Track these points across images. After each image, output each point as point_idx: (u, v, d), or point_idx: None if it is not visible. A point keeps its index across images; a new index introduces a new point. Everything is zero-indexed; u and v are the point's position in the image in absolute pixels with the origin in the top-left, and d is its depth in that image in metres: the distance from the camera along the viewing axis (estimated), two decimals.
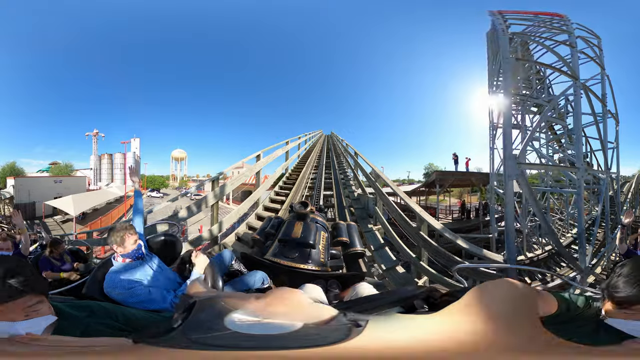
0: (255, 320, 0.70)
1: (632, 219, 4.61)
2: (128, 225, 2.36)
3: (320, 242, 3.13)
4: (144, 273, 2.33)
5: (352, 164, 17.98)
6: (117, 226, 2.34)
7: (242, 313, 0.72)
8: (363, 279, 2.77)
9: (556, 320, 1.06)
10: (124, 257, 2.31)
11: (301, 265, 2.87)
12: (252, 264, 2.99)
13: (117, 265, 2.31)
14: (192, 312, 0.82)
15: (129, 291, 2.19)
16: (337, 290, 2.61)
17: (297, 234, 3.11)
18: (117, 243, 2.27)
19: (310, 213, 3.40)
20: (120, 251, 2.30)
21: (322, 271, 2.90)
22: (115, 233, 2.28)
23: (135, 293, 2.19)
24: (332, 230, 3.62)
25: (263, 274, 2.71)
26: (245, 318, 0.71)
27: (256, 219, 9.76)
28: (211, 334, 0.69)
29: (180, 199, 11.90)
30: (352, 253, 3.51)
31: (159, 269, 2.44)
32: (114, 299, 2.16)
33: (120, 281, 2.22)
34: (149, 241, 2.77)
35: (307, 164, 19.23)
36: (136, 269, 2.32)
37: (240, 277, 2.74)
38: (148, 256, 2.47)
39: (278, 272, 2.82)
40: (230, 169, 14.30)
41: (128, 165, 41.37)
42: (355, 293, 2.28)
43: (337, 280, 2.71)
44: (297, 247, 3.00)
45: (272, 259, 2.95)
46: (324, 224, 3.45)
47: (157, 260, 2.50)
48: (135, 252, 2.33)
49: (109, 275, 2.26)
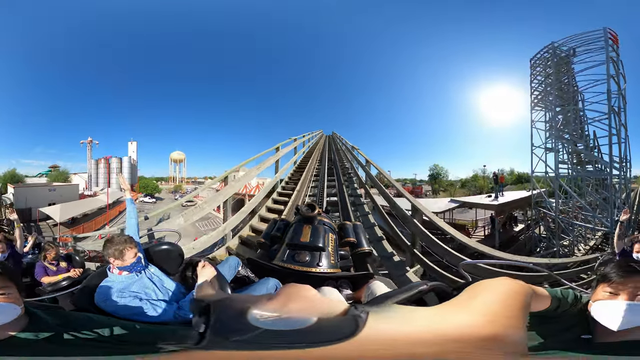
0: (276, 316, 0.72)
1: (628, 216, 4.84)
2: (127, 238, 2.25)
3: (330, 245, 3.15)
4: (142, 285, 2.19)
5: (364, 178, 16.72)
6: (116, 239, 2.23)
7: (263, 310, 0.72)
8: (372, 277, 2.80)
9: (544, 315, 1.18)
10: (120, 270, 2.17)
11: (313, 269, 2.87)
12: (261, 270, 2.94)
13: (113, 277, 2.17)
14: (210, 314, 0.80)
15: (123, 304, 2.04)
16: (349, 291, 2.67)
17: (307, 237, 3.11)
18: (115, 256, 2.15)
19: (318, 215, 3.39)
20: (117, 264, 2.16)
21: (334, 273, 2.93)
22: (114, 246, 2.17)
23: (131, 306, 2.05)
24: (339, 231, 3.62)
25: (276, 281, 2.64)
26: (267, 315, 0.72)
27: (259, 221, 9.64)
28: (244, 334, 0.69)
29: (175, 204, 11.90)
30: (359, 253, 3.56)
31: (159, 280, 2.30)
32: (105, 311, 2.01)
33: (114, 294, 2.07)
34: (148, 250, 2.65)
35: (305, 171, 17.81)
36: (133, 281, 2.18)
37: (252, 286, 2.64)
38: (147, 267, 2.33)
39: (289, 277, 2.78)
40: (228, 173, 14.29)
41: (118, 174, 43.90)
42: (370, 292, 2.34)
43: (347, 280, 2.77)
44: (308, 251, 3.00)
45: (282, 265, 2.93)
46: (331, 225, 3.46)
47: (157, 271, 2.37)
48: (134, 266, 2.20)
49: (102, 287, 2.11)
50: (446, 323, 0.67)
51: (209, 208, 9.85)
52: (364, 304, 0.79)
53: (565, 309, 1.27)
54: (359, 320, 0.66)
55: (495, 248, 10.82)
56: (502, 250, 11.00)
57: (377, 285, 2.41)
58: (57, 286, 3.89)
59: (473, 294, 0.78)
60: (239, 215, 10.08)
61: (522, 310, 0.76)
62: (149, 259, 2.50)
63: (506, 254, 9.65)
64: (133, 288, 2.14)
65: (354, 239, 3.54)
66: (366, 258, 3.72)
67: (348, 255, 3.59)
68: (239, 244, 7.95)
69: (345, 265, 3.41)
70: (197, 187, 42.59)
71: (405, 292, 1.12)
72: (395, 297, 1.22)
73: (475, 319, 0.68)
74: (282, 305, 0.75)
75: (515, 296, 0.79)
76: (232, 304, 0.82)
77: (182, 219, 8.97)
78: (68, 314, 1.46)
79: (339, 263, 3.16)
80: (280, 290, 0.84)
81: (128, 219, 2.89)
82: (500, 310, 0.71)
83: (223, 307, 0.82)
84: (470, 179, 46.95)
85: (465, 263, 4.13)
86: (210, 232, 8.97)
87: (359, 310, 0.70)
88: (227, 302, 0.84)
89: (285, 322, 0.69)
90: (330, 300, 0.81)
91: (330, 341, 0.64)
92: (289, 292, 0.81)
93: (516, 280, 0.86)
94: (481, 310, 0.70)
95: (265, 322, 0.69)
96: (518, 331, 0.70)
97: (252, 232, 8.74)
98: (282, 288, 0.84)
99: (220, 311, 0.80)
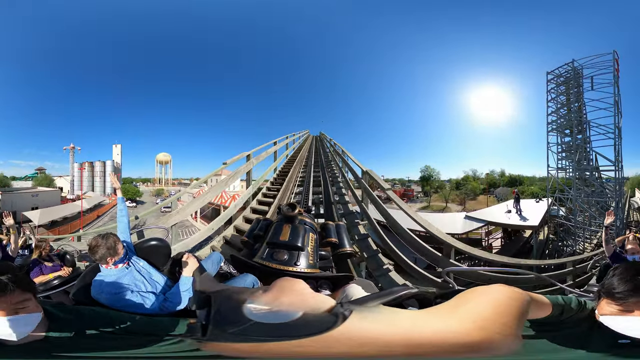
0: (268, 309, 0.74)
1: (612, 220, 4.61)
2: (107, 234, 2.32)
3: (309, 244, 3.13)
4: (133, 278, 2.34)
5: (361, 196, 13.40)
6: (100, 241, 2.27)
7: (257, 303, 0.75)
8: (352, 279, 2.79)
9: (545, 322, 1.13)
10: (115, 264, 2.31)
11: (290, 268, 2.88)
12: (242, 266, 2.99)
13: (105, 271, 2.32)
14: (211, 306, 0.84)
15: (116, 296, 2.19)
16: (329, 292, 2.62)
17: (286, 236, 3.11)
18: (111, 255, 2.27)
19: (299, 215, 3.39)
20: (115, 260, 2.30)
21: (311, 273, 2.92)
22: (106, 246, 2.25)
23: (124, 297, 2.20)
24: (321, 231, 3.60)
25: (253, 277, 2.73)
26: (259, 307, 0.74)
27: (243, 222, 9.68)
28: (241, 326, 0.71)
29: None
30: (341, 253, 3.52)
31: (147, 273, 2.45)
32: (102, 303, 2.16)
33: (108, 286, 2.22)
34: (137, 246, 2.76)
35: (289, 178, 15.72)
36: (124, 274, 2.33)
37: (231, 280, 2.75)
38: (136, 261, 2.47)
39: (268, 275, 2.84)
40: (209, 176, 13.34)
41: (109, 172, 44.51)
42: (345, 295, 2.29)
43: (327, 281, 2.73)
44: (286, 250, 3.01)
45: (261, 262, 2.95)
46: (313, 225, 3.43)
47: (145, 264, 2.51)
48: (122, 259, 2.35)
49: (96, 281, 2.26)
50: (429, 327, 0.67)
51: (180, 216, 9.27)
52: (349, 302, 0.76)
53: (570, 315, 1.22)
54: (339, 317, 0.68)
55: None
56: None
57: (353, 289, 2.35)
58: (48, 285, 3.83)
59: (465, 300, 0.77)
60: (206, 233, 9.47)
61: (516, 317, 0.75)
62: (139, 254, 2.62)
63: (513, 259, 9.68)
64: (124, 280, 2.28)
65: (335, 239, 3.50)
66: (348, 259, 3.68)
67: (329, 255, 3.54)
68: (223, 243, 8.02)
69: (326, 266, 3.35)
70: (180, 189, 42.11)
71: (386, 296, 1.09)
72: (376, 299, 1.21)
73: (464, 325, 0.67)
74: (274, 298, 0.77)
75: (510, 302, 0.77)
76: (231, 295, 0.82)
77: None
78: (80, 309, 1.51)
79: (318, 263, 3.14)
80: (275, 283, 0.84)
81: (119, 217, 2.93)
82: (492, 317, 0.70)
83: (222, 299, 0.83)
84: (461, 180, 46.34)
85: (449, 270, 3.94)
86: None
87: (344, 307, 0.71)
88: (224, 294, 0.85)
89: (276, 315, 0.71)
90: (319, 296, 0.81)
91: (307, 335, 0.65)
92: (282, 286, 0.82)
93: (512, 287, 0.85)
94: (471, 317, 0.69)
95: (258, 314, 0.71)
96: (511, 337, 0.69)
97: (236, 232, 8.78)
98: (277, 281, 0.84)
99: (220, 303, 0.82)
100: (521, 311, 0.79)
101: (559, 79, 20.22)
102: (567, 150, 19.84)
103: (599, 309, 1.18)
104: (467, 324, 0.67)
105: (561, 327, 1.21)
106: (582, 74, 19.00)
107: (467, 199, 43.09)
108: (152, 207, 24.36)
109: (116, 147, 51.52)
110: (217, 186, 10.87)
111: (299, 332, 0.67)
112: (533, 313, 1.01)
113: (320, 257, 3.35)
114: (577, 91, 19.24)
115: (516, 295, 0.82)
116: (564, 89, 19.90)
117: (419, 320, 0.69)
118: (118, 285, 2.24)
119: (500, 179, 46.37)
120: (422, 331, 0.66)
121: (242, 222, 9.71)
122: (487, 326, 0.67)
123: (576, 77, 19.24)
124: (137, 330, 1.44)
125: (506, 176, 46.71)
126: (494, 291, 0.79)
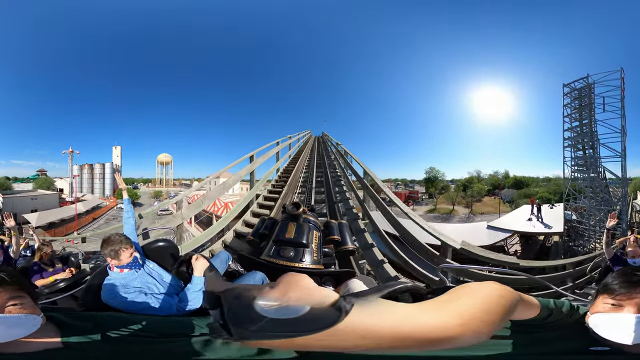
0: (278, 305, 0.74)
1: (615, 222, 4.60)
2: (124, 239, 2.30)
3: (313, 241, 3.25)
4: (143, 281, 2.30)
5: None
6: (112, 238, 2.28)
7: (266, 300, 0.75)
8: (354, 275, 2.89)
9: (527, 323, 1.11)
10: (120, 268, 2.27)
11: (296, 264, 2.98)
12: (249, 264, 3.08)
13: (114, 275, 2.27)
14: (223, 306, 0.84)
15: (130, 299, 2.15)
16: (332, 287, 2.72)
17: (291, 234, 3.23)
18: (112, 256, 2.24)
19: (303, 214, 3.50)
20: (114, 263, 2.26)
21: (316, 269, 3.03)
22: (110, 246, 2.24)
23: (137, 300, 2.16)
24: (324, 229, 3.72)
25: (262, 274, 2.77)
26: (270, 304, 0.74)
27: (252, 217, 9.99)
28: (258, 324, 0.71)
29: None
30: (343, 251, 3.66)
31: (158, 275, 2.42)
32: (114, 307, 2.12)
33: (119, 289, 2.17)
34: (145, 247, 2.76)
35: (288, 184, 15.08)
36: (134, 277, 2.29)
37: (240, 278, 2.78)
38: (145, 264, 2.44)
39: (275, 271, 2.91)
40: (210, 179, 13.25)
41: (115, 173, 43.61)
42: (347, 289, 2.40)
43: (330, 277, 2.85)
44: (292, 247, 3.12)
45: (268, 259, 3.04)
46: (316, 223, 3.56)
47: (155, 266, 2.48)
48: (131, 264, 2.29)
49: (106, 285, 2.21)
50: (416, 321, 0.68)
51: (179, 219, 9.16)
52: (350, 295, 0.76)
53: (559, 318, 1.21)
54: (342, 310, 0.68)
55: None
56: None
57: (355, 284, 2.48)
58: (53, 288, 3.91)
59: (456, 295, 0.77)
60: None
61: (500, 315, 0.76)
62: (147, 255, 2.60)
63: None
64: (135, 284, 2.24)
65: (338, 237, 3.62)
66: (350, 256, 3.81)
67: (332, 252, 3.66)
68: (233, 237, 8.16)
69: (329, 262, 3.48)
70: (181, 190, 42.30)
71: (381, 290, 1.11)
72: (375, 293, 1.20)
73: (449, 320, 0.68)
74: (282, 294, 0.77)
75: (499, 300, 0.78)
76: (240, 294, 0.82)
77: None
78: (95, 315, 1.43)
79: (322, 260, 3.25)
80: (280, 279, 0.86)
81: (125, 218, 2.94)
82: (477, 314, 0.71)
83: (231, 298, 0.83)
84: (465, 182, 46.16)
85: (445, 267, 4.08)
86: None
87: (346, 301, 0.72)
88: (234, 292, 0.84)
89: (285, 311, 0.71)
90: (324, 290, 0.82)
91: (314, 330, 0.66)
92: (288, 281, 0.82)
93: (504, 285, 0.85)
94: (457, 312, 0.70)
95: (270, 311, 0.72)
96: (484, 334, 0.70)
97: (245, 225, 8.96)
98: (282, 276, 0.86)
99: (230, 302, 0.82)
100: (507, 310, 0.79)
101: (573, 93, 21.45)
102: (580, 165, 21.41)
103: (592, 308, 1.18)
104: (453, 319, 0.68)
105: (542, 329, 1.20)
106: (594, 90, 20.29)
107: (472, 201, 42.89)
108: (149, 209, 24.01)
109: (116, 149, 51.73)
110: (216, 189, 10.98)
111: (308, 327, 0.68)
112: (519, 313, 0.99)
113: (324, 254, 3.46)
114: (589, 109, 20.53)
115: (506, 293, 0.82)
116: (578, 104, 21.22)
117: (408, 313, 0.71)
118: (129, 289, 2.19)
119: (505, 181, 46.18)
120: (411, 324, 0.67)
121: (250, 216, 9.97)
122: (468, 322, 0.68)
123: (589, 93, 20.44)
124: (168, 333, 1.38)
125: (511, 177, 46.51)
126: (485, 288, 0.80)
